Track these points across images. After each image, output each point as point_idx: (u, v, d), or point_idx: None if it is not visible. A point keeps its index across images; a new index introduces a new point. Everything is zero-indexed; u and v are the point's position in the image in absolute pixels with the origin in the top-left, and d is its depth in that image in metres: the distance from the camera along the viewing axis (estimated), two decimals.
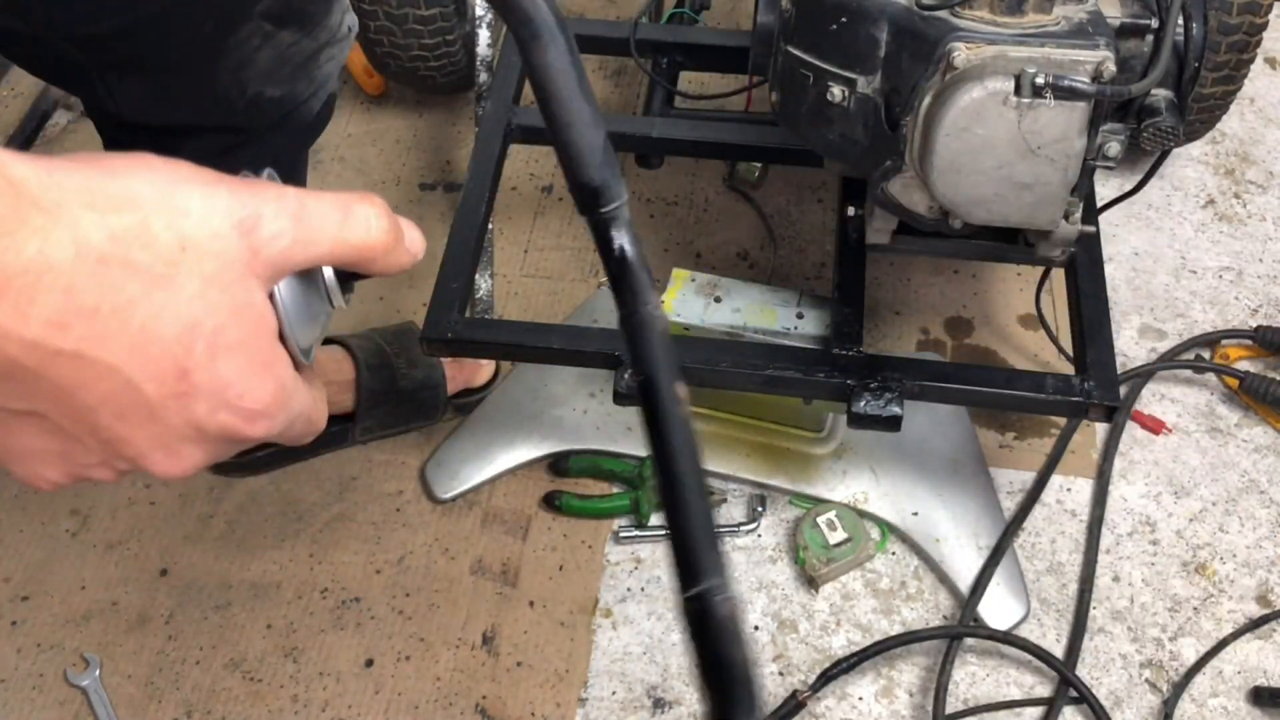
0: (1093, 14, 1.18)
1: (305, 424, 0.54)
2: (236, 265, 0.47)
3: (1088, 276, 1.44)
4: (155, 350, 0.46)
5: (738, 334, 1.49)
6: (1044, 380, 1.37)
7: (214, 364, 0.47)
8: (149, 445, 0.49)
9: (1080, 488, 1.61)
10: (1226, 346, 1.75)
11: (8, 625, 1.46)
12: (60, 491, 1.56)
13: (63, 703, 1.40)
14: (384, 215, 0.53)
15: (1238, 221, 1.94)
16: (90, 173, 0.45)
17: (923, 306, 1.80)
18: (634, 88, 2.10)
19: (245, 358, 0.48)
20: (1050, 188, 1.20)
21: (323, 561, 1.52)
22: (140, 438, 0.48)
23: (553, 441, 1.60)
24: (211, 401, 0.48)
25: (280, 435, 0.53)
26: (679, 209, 1.92)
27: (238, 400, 0.49)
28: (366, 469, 1.61)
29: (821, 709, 1.42)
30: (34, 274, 0.43)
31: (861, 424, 1.35)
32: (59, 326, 0.44)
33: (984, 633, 1.45)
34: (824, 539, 1.51)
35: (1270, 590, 1.52)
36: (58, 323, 0.44)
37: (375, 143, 2.01)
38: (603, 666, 1.45)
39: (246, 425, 0.50)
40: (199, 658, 1.44)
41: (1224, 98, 1.78)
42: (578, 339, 1.44)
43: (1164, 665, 1.46)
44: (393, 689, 1.41)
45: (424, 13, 1.78)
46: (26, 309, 0.43)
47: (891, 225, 1.40)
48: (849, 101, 1.24)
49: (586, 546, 1.54)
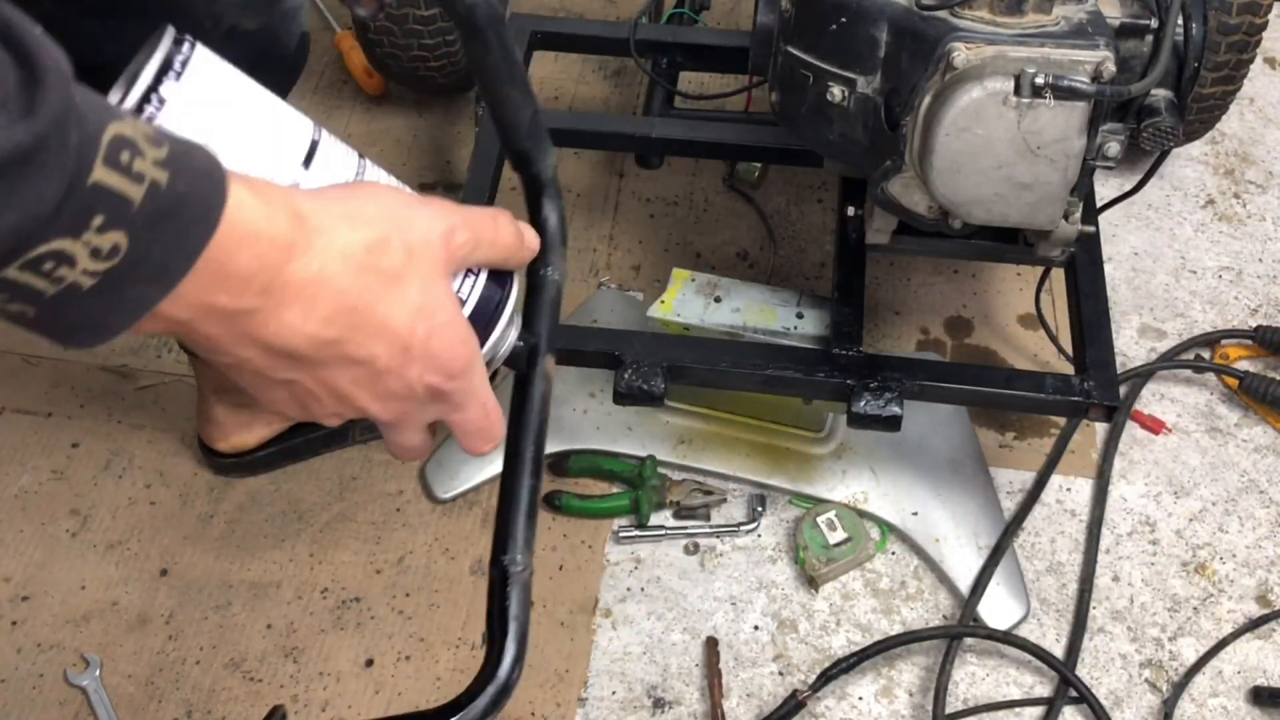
0: (1092, 14, 1.18)
1: (482, 413, 0.69)
2: (440, 266, 0.63)
3: (1087, 276, 1.44)
4: (389, 333, 0.61)
5: (738, 334, 1.49)
6: (1044, 380, 1.37)
7: (428, 341, 0.62)
8: (371, 399, 0.64)
9: (1080, 488, 1.61)
10: (1226, 346, 1.75)
11: (8, 625, 1.46)
12: (60, 492, 1.57)
13: (63, 703, 1.40)
14: (513, 221, 0.69)
15: (1237, 221, 1.94)
16: (346, 201, 0.60)
17: (923, 306, 1.80)
18: (634, 88, 2.10)
19: (449, 334, 0.63)
20: (1050, 188, 1.20)
21: (323, 561, 1.52)
22: (367, 395, 0.64)
23: (553, 441, 1.60)
24: (423, 367, 0.63)
25: (464, 417, 0.68)
26: (679, 209, 1.92)
27: (442, 366, 0.64)
28: (366, 469, 1.61)
29: (821, 709, 1.42)
30: (316, 284, 0.57)
31: (861, 424, 1.35)
32: (329, 322, 0.58)
33: (984, 632, 1.46)
34: (824, 539, 1.51)
35: (1270, 590, 1.52)
36: (329, 319, 0.58)
37: (375, 143, 2.01)
38: (603, 666, 1.45)
39: (446, 383, 0.65)
40: (199, 658, 1.44)
41: (1223, 98, 1.78)
42: (578, 339, 1.44)
43: (1164, 665, 1.46)
44: (393, 689, 1.41)
45: (424, 13, 1.78)
46: (309, 310, 0.57)
47: (891, 225, 1.40)
48: (849, 101, 1.24)
49: (586, 546, 1.54)
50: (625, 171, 1.96)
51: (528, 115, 0.77)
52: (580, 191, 1.93)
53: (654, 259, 1.84)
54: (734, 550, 1.54)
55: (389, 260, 0.60)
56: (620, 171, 1.96)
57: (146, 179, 0.47)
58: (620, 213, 1.91)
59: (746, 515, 1.57)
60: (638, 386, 1.36)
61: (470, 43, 0.73)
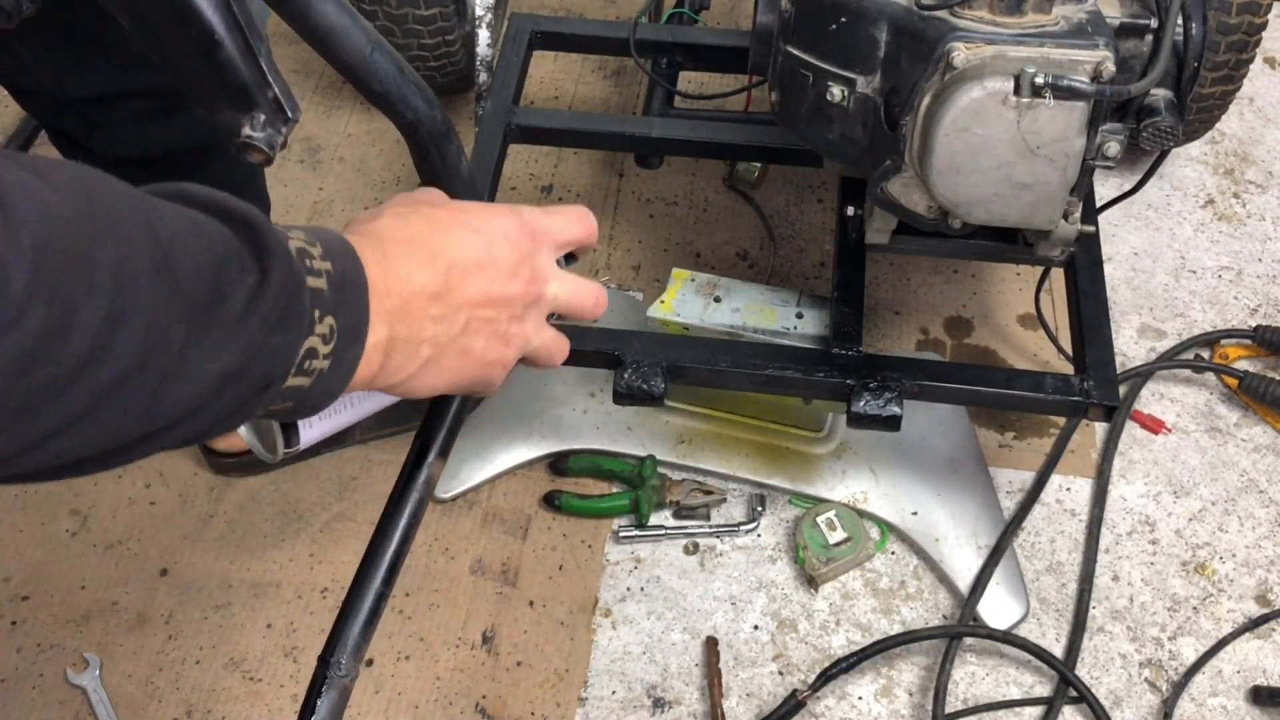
0: (1092, 14, 1.18)
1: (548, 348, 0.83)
2: (525, 239, 0.76)
3: (1087, 276, 1.44)
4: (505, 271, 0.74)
5: (737, 334, 1.49)
6: (1043, 380, 1.37)
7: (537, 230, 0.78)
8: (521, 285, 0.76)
9: (1080, 487, 1.61)
10: (1226, 346, 1.75)
11: (8, 625, 1.46)
12: (60, 492, 1.57)
13: (63, 703, 1.40)
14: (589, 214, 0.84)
15: (1237, 221, 1.94)
16: (457, 211, 0.74)
17: (922, 306, 1.80)
18: (634, 88, 2.10)
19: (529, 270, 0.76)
20: (1049, 187, 1.20)
21: (323, 561, 1.52)
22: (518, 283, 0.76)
23: (553, 441, 1.60)
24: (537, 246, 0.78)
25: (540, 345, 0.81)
26: (679, 209, 1.92)
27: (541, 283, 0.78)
28: (366, 469, 1.61)
29: (821, 708, 1.42)
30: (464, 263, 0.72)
31: (861, 424, 1.35)
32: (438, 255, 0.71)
33: (984, 632, 1.46)
34: (824, 538, 1.51)
35: (1269, 590, 1.53)
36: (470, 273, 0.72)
37: (375, 143, 2.01)
38: (602, 666, 1.45)
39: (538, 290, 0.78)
40: (199, 658, 1.44)
41: (1223, 97, 1.78)
42: (578, 339, 1.44)
43: (1163, 665, 1.46)
44: (393, 689, 1.41)
45: (424, 13, 1.78)
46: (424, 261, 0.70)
47: (891, 225, 1.40)
48: (849, 101, 1.24)
49: (586, 546, 1.54)
50: (625, 171, 1.96)
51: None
52: (580, 191, 1.93)
53: (654, 259, 1.84)
54: (734, 550, 1.54)
55: (487, 241, 0.74)
56: (620, 171, 1.96)
57: (323, 273, 0.59)
58: (620, 213, 1.91)
59: (746, 515, 1.57)
60: (637, 386, 1.36)
61: (414, 150, 0.85)
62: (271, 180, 1.66)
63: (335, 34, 0.77)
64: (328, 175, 1.97)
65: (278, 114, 0.77)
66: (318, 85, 2.09)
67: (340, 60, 0.78)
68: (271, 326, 0.55)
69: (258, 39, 0.75)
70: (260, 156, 0.77)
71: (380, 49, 0.79)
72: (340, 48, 0.77)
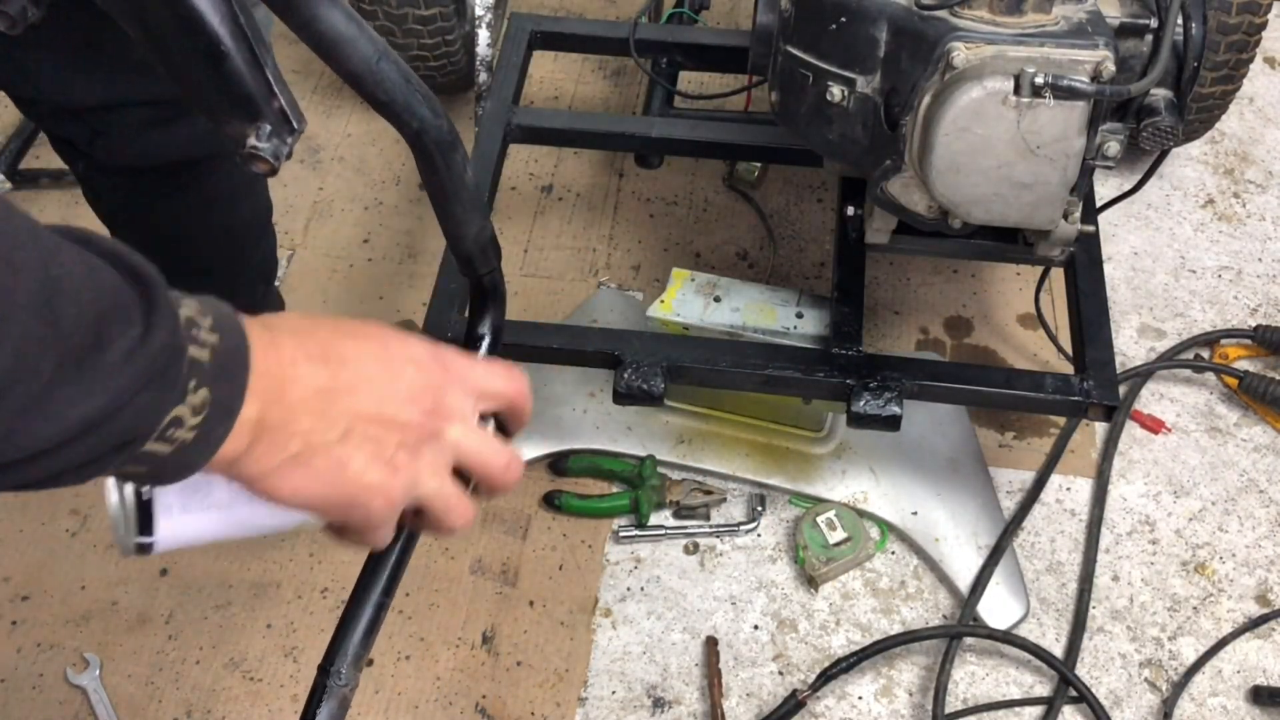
0: (1092, 14, 1.18)
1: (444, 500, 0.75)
2: (436, 370, 0.72)
3: (1087, 276, 1.44)
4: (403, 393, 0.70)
5: (737, 334, 1.49)
6: (1043, 380, 1.37)
7: (429, 397, 0.72)
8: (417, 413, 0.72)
9: (1080, 487, 1.61)
10: (1226, 346, 1.75)
11: (8, 625, 1.46)
12: (60, 491, 1.56)
13: (63, 702, 1.40)
14: (521, 375, 0.79)
15: (1237, 221, 1.94)
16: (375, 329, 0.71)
17: (922, 306, 1.80)
18: (634, 87, 2.10)
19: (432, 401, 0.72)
20: (1049, 187, 1.20)
21: (323, 561, 1.52)
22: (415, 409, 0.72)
23: (553, 441, 1.60)
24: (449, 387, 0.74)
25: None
26: (679, 209, 1.92)
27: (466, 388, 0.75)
28: None
29: (821, 708, 1.42)
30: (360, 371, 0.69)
31: (861, 423, 1.35)
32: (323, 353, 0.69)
33: (983, 632, 1.46)
34: (824, 538, 1.51)
35: (1269, 590, 1.53)
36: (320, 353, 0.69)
37: (375, 142, 2.01)
38: (602, 666, 1.45)
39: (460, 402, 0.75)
40: (199, 658, 1.44)
41: (1223, 97, 1.78)
42: (578, 339, 1.44)
43: (1163, 664, 1.46)
44: (393, 689, 1.41)
45: (424, 13, 1.78)
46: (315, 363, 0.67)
47: (891, 225, 1.40)
48: (848, 101, 1.24)
49: (586, 546, 1.54)
50: (625, 171, 1.96)
51: (473, 229, 0.89)
52: (580, 191, 1.93)
53: (653, 259, 1.84)
54: (734, 550, 1.54)
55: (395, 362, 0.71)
56: (620, 171, 1.96)
57: (208, 345, 0.59)
58: (620, 212, 1.91)
59: (746, 515, 1.57)
60: (637, 386, 1.36)
61: (419, 160, 0.83)
62: (271, 180, 1.66)
63: (342, 44, 0.76)
64: (328, 175, 1.97)
65: (283, 125, 0.76)
66: (317, 85, 2.09)
67: (346, 69, 0.77)
68: (143, 385, 0.55)
69: (264, 49, 0.74)
70: (265, 167, 0.77)
71: (386, 58, 0.78)
72: (347, 57, 0.77)
